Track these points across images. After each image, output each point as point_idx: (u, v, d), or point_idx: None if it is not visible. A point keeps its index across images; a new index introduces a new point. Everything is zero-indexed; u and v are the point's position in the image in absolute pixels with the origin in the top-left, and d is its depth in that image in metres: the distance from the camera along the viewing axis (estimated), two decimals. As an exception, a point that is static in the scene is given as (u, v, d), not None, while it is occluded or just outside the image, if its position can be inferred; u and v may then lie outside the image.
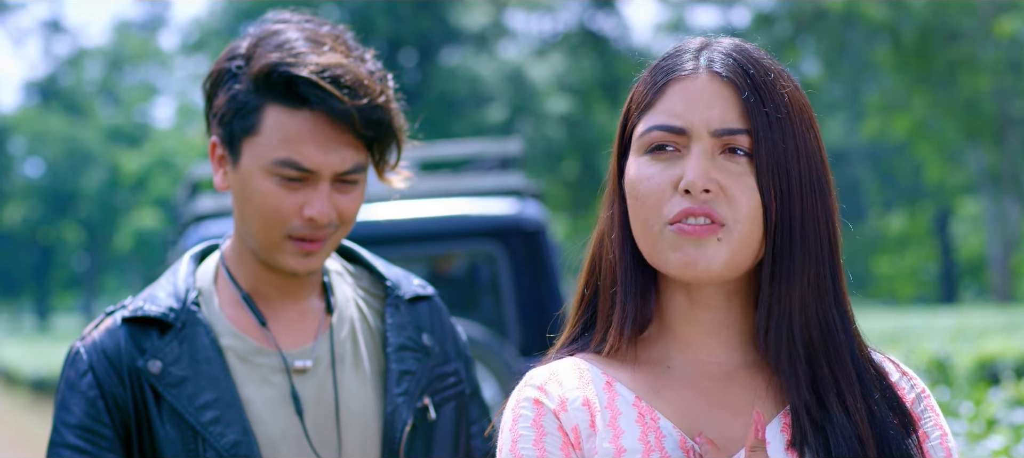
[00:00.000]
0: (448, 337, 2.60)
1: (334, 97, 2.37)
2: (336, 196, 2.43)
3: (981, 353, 11.44)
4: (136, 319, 2.44)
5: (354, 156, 2.42)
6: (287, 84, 2.39)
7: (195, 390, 2.40)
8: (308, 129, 2.39)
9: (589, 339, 1.91)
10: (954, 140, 34.72)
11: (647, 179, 1.82)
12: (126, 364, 2.41)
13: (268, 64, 2.40)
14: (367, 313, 2.56)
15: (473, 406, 2.61)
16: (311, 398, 2.46)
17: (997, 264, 38.83)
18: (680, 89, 1.83)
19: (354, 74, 2.41)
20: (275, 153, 2.39)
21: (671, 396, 1.86)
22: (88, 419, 2.39)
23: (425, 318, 2.57)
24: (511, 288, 6.54)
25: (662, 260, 1.82)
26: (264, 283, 2.49)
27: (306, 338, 2.50)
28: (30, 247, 67.65)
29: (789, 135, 1.83)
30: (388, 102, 2.44)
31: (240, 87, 2.42)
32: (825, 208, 1.85)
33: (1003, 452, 4.80)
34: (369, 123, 2.40)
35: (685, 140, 1.82)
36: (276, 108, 2.39)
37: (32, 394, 28.47)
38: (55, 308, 79.56)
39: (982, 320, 22.05)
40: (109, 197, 62.30)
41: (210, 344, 2.43)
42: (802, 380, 1.82)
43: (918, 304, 53.38)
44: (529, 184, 7.04)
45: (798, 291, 1.82)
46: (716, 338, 1.88)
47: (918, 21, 30.26)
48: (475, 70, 36.55)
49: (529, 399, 1.86)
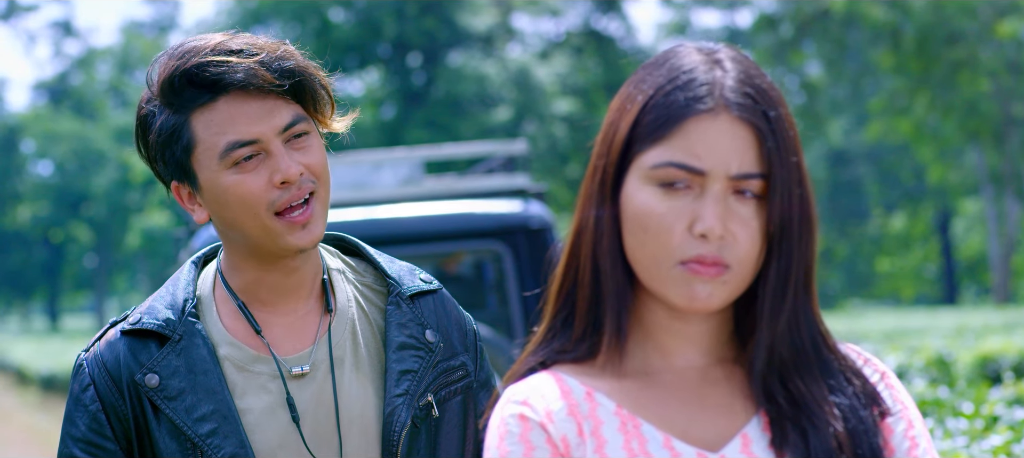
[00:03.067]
0: (454, 330, 2.56)
1: (234, 64, 2.38)
2: (296, 154, 2.40)
3: (982, 352, 11.47)
4: (135, 331, 2.44)
5: (287, 110, 2.40)
6: (190, 81, 2.39)
7: (193, 402, 2.40)
8: (233, 109, 2.39)
9: (565, 341, 1.90)
10: (955, 141, 34.58)
11: (659, 216, 1.81)
12: (125, 378, 2.42)
13: (168, 75, 2.40)
14: (369, 311, 2.53)
15: (482, 397, 2.58)
16: (309, 403, 2.44)
17: (998, 264, 38.80)
18: (700, 128, 1.81)
19: (243, 40, 2.42)
20: (218, 147, 2.39)
21: (651, 401, 1.86)
22: (91, 433, 2.42)
23: (429, 313, 2.54)
24: (516, 287, 6.48)
25: (664, 292, 1.83)
26: (262, 287, 2.47)
27: (305, 343, 2.47)
28: (41, 247, 67.45)
29: (796, 175, 1.83)
30: (290, 52, 2.43)
31: (161, 117, 2.42)
32: (812, 232, 1.86)
33: (1003, 450, 4.78)
34: (280, 73, 2.39)
35: (701, 180, 1.80)
36: (198, 112, 2.40)
37: (42, 393, 28.49)
38: (66, 308, 79.33)
39: (983, 319, 21.98)
40: (119, 197, 62.10)
41: (208, 355, 2.42)
42: (779, 387, 1.85)
43: (919, 304, 53.20)
44: (534, 184, 7.02)
45: (785, 316, 1.85)
46: (693, 344, 1.89)
47: (919, 23, 30.17)
48: (481, 71, 36.49)
49: (514, 415, 1.84)
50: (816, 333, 1.87)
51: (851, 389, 1.87)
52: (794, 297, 1.84)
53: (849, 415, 1.85)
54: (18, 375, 33.41)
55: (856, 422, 1.85)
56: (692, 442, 1.84)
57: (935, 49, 30.31)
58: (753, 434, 1.85)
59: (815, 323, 1.87)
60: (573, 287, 1.89)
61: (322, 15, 36.76)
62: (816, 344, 1.87)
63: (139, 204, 60.95)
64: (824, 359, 1.87)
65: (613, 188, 1.86)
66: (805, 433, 1.82)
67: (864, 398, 1.87)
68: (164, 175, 2.47)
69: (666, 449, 1.83)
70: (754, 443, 1.84)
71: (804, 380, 1.85)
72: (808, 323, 1.86)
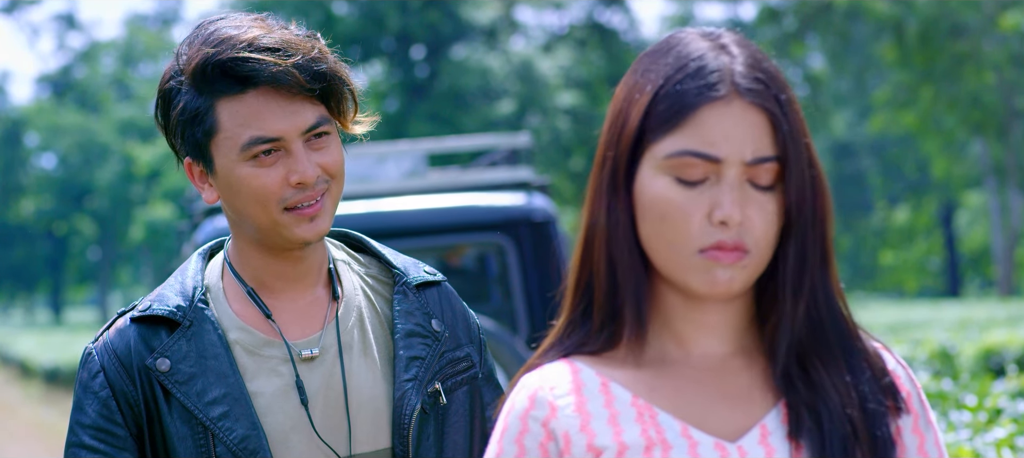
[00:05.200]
0: (459, 322, 2.59)
1: (268, 63, 2.39)
2: (314, 154, 2.43)
3: (985, 344, 11.58)
4: (145, 318, 2.46)
5: (313, 111, 2.43)
6: (223, 72, 2.40)
7: (204, 386, 2.42)
8: (260, 104, 2.40)
9: (584, 334, 1.90)
10: (959, 134, 34.64)
11: (677, 205, 1.81)
12: (136, 363, 2.44)
13: (200, 61, 2.41)
14: (375, 301, 2.55)
15: (487, 389, 2.60)
16: (319, 386, 2.46)
17: (1001, 257, 38.83)
18: (714, 115, 1.81)
19: (279, 36, 2.43)
20: (240, 139, 2.40)
21: (668, 390, 1.86)
22: (101, 419, 2.43)
23: (434, 304, 2.56)
24: (520, 280, 6.50)
25: (684, 279, 1.84)
26: (269, 274, 2.49)
27: (313, 327, 2.49)
28: (44, 240, 67.54)
29: (807, 155, 1.85)
30: (323, 54, 2.45)
31: (186, 96, 2.43)
32: (827, 212, 1.88)
33: (1007, 443, 4.78)
34: (312, 75, 2.41)
35: (717, 168, 1.81)
36: (225, 101, 2.41)
37: (46, 386, 28.58)
38: (69, 301, 79.42)
39: (986, 312, 22.08)
40: (123, 190, 62.17)
41: (218, 340, 2.44)
42: (798, 374, 1.85)
43: (923, 296, 53.23)
44: (538, 178, 7.00)
45: (805, 301, 1.86)
46: (712, 332, 1.88)
47: (923, 16, 30.16)
48: (485, 65, 36.48)
49: (518, 414, 1.86)
50: (836, 309, 1.88)
51: (869, 373, 1.87)
52: (812, 274, 1.85)
53: (867, 397, 1.85)
54: (22, 368, 33.49)
55: (874, 404, 1.85)
56: (710, 431, 1.84)
57: (939, 43, 30.29)
58: (772, 425, 1.84)
59: (834, 299, 1.88)
60: (590, 279, 1.89)
61: (326, 8, 36.71)
62: (835, 321, 1.87)
63: (143, 197, 60.99)
64: (844, 338, 1.88)
65: (625, 178, 1.86)
66: (820, 417, 1.82)
67: (880, 385, 1.87)
68: (179, 150, 2.48)
69: (684, 437, 1.83)
70: (772, 434, 1.84)
71: (822, 360, 1.85)
72: (827, 299, 1.87)
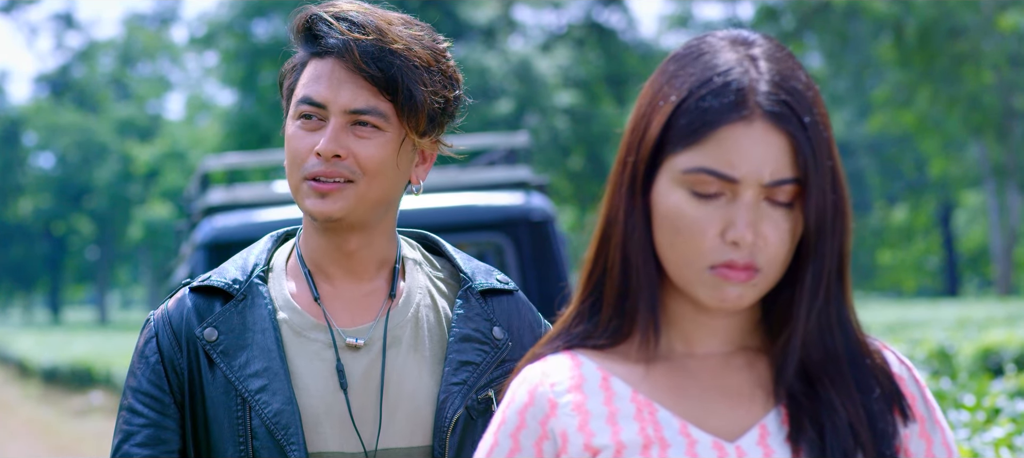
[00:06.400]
0: (526, 332, 2.58)
1: (337, 31, 2.43)
2: (351, 139, 2.44)
3: (983, 344, 11.57)
4: (203, 289, 2.52)
5: (368, 97, 2.43)
6: (309, 30, 2.47)
7: (247, 359, 2.46)
8: (325, 70, 2.44)
9: (591, 326, 1.90)
10: (957, 134, 34.68)
11: (691, 220, 1.81)
12: (185, 332, 2.49)
13: (302, 16, 2.49)
14: (439, 302, 2.57)
15: None
16: (359, 376, 2.48)
17: (999, 256, 38.87)
18: (734, 135, 1.81)
19: (370, 16, 2.46)
20: (298, 95, 2.47)
21: (669, 386, 1.87)
22: (150, 385, 2.49)
23: (501, 312, 2.57)
24: (519, 279, 6.45)
25: (693, 291, 1.84)
26: (326, 260, 2.52)
27: (366, 318, 2.51)
28: (42, 239, 67.56)
29: (829, 177, 1.83)
30: (402, 48, 2.44)
31: (297, 54, 2.51)
32: (846, 226, 1.86)
33: (1005, 442, 4.80)
34: (374, 59, 2.42)
35: (733, 187, 1.81)
36: (312, 60, 2.46)
37: (44, 385, 28.60)
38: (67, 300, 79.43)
39: (984, 311, 22.12)
40: (121, 189, 62.22)
41: (267, 316, 2.47)
42: (805, 387, 1.85)
43: (921, 296, 53.34)
44: (536, 177, 6.97)
45: (817, 313, 1.85)
46: (718, 334, 1.89)
47: (921, 16, 30.17)
48: (483, 64, 36.49)
49: (517, 409, 1.88)
50: (848, 329, 1.87)
51: (878, 391, 1.86)
52: (827, 293, 1.85)
53: (876, 416, 1.85)
54: (20, 368, 33.50)
55: (883, 424, 1.85)
56: (709, 430, 1.84)
57: (937, 42, 30.28)
58: (771, 426, 1.85)
59: (848, 319, 1.87)
60: (602, 276, 1.90)
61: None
62: (847, 339, 1.86)
63: (141, 196, 61.03)
64: (854, 356, 1.87)
65: (644, 185, 1.86)
66: (822, 429, 1.82)
67: (888, 401, 1.87)
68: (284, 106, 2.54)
69: (682, 436, 1.83)
70: (771, 435, 1.84)
71: (830, 378, 1.85)
72: (841, 320, 1.86)
